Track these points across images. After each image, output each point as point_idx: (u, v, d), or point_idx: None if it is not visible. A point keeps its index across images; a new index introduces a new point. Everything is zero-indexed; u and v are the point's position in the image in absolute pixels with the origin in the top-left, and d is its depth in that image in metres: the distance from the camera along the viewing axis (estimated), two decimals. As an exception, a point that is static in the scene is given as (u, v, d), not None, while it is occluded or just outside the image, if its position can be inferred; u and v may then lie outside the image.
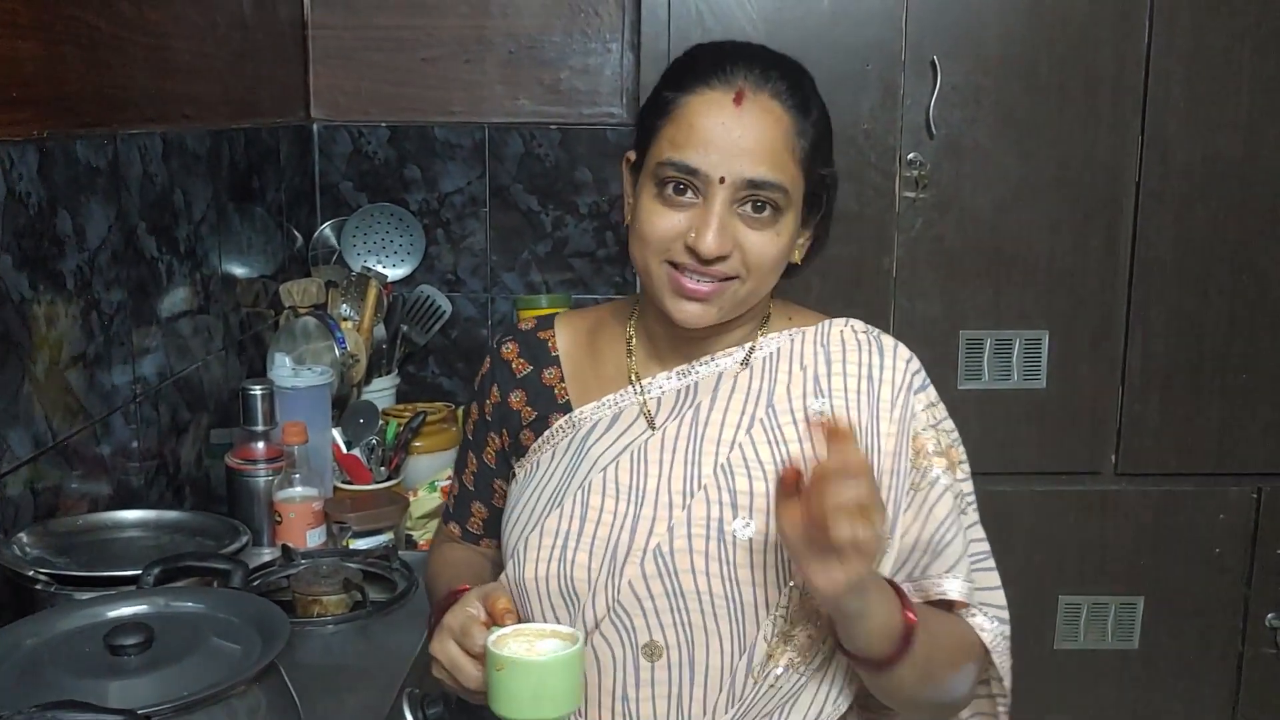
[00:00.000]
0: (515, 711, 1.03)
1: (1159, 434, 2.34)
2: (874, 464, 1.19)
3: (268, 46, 2.39)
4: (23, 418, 1.45)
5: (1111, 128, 2.24)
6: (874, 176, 2.26)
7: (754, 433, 1.20)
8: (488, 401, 1.32)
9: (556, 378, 1.29)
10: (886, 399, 1.21)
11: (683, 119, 1.14)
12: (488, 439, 1.33)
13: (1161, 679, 2.42)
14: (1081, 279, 2.29)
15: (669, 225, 1.15)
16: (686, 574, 1.15)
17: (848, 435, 0.99)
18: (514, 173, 2.66)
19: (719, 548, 1.15)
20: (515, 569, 1.21)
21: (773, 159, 1.13)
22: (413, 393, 2.67)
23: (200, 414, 2.00)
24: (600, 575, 1.17)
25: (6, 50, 1.42)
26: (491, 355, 1.33)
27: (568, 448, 1.24)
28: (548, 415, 1.27)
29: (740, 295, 1.17)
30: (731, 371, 1.24)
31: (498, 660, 1.03)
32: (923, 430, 1.22)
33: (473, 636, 1.07)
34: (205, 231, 2.02)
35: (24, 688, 1.04)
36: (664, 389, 1.25)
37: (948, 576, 1.20)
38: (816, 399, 1.21)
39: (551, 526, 1.19)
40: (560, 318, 1.34)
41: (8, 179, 1.41)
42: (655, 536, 1.17)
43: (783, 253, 1.17)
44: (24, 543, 1.40)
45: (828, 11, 2.21)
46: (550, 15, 2.61)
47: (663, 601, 1.15)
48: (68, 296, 1.56)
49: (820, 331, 1.26)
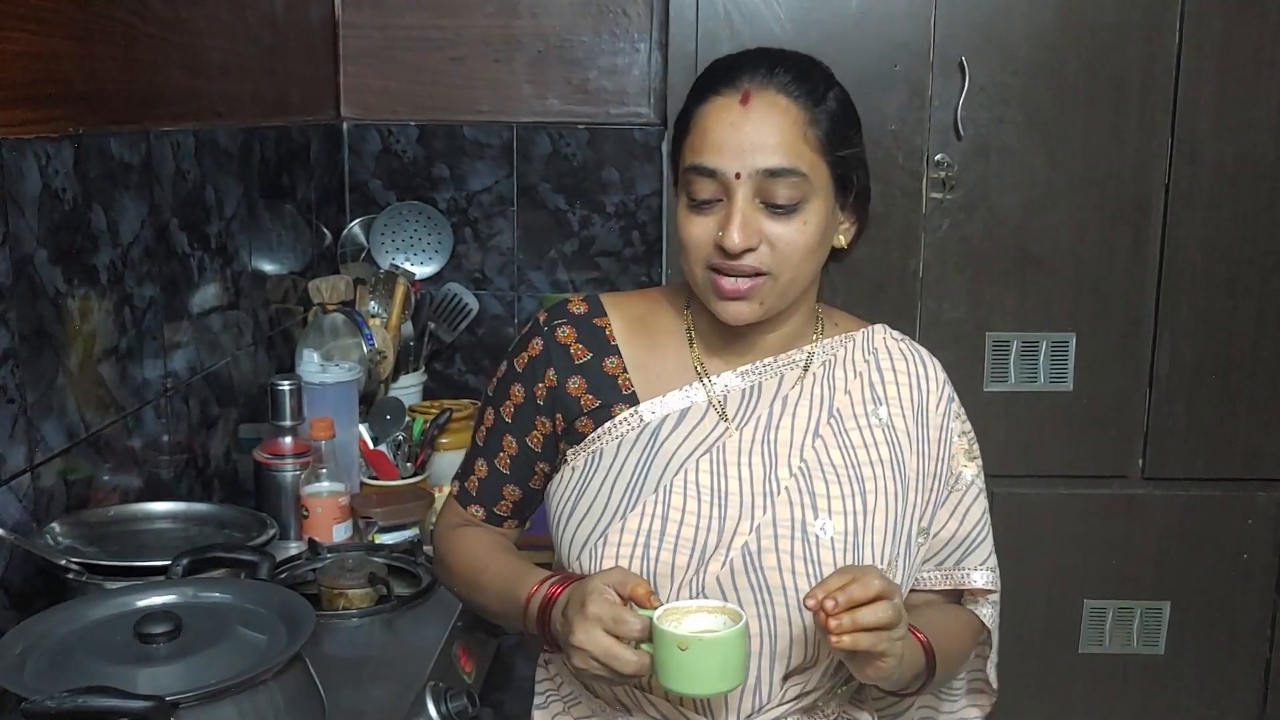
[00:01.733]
0: (703, 687, 1.08)
1: (1186, 438, 2.33)
2: (919, 468, 1.27)
3: (299, 46, 2.41)
4: (56, 410, 1.47)
5: (1140, 128, 2.23)
6: (901, 177, 2.25)
7: (824, 436, 1.26)
8: (540, 385, 1.31)
9: (619, 367, 1.30)
10: (932, 408, 1.30)
11: (698, 127, 1.21)
12: (536, 422, 1.33)
13: (1188, 685, 2.40)
14: (1109, 281, 2.28)
15: (701, 231, 1.20)
16: (773, 571, 1.19)
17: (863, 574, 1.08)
18: (541, 172, 2.68)
19: (803, 546, 1.20)
20: (592, 562, 1.23)
21: (785, 147, 1.17)
22: (439, 390, 2.68)
23: (229, 409, 2.02)
24: (685, 572, 1.20)
25: (43, 48, 1.44)
26: (545, 338, 1.32)
27: (636, 440, 1.26)
28: (611, 405, 1.29)
29: (779, 288, 1.21)
30: (794, 376, 1.29)
31: (682, 640, 1.05)
32: (957, 436, 1.31)
33: (628, 624, 1.08)
34: (236, 228, 2.04)
35: (55, 674, 1.06)
36: (729, 386, 1.28)
37: (980, 569, 1.31)
38: (877, 405, 1.28)
39: (634, 524, 1.22)
40: (609, 302, 1.35)
41: (44, 174, 1.43)
42: (741, 535, 1.21)
43: (813, 240, 1.20)
44: (56, 532, 1.43)
45: (855, 11, 2.21)
46: (579, 15, 2.62)
47: (747, 594, 1.20)
48: (101, 291, 1.58)
49: (866, 338, 1.33)
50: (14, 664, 1.07)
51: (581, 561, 1.24)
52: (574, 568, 1.26)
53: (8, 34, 1.37)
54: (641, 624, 1.08)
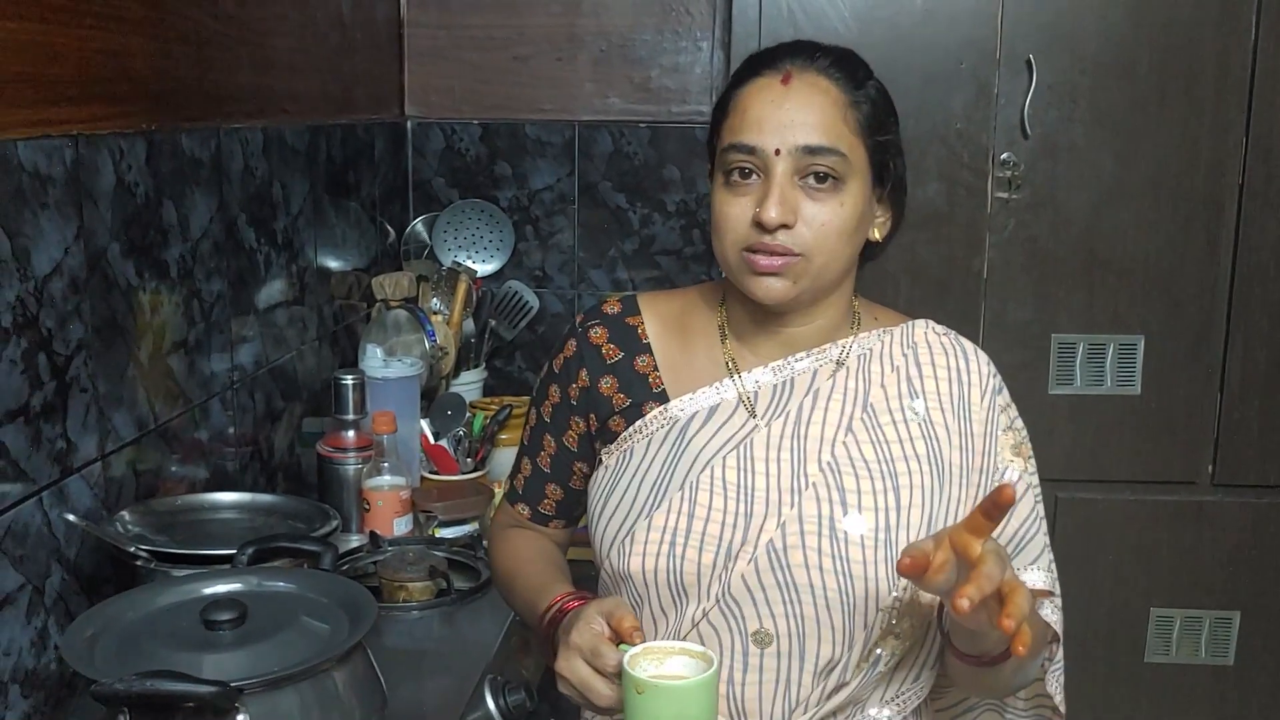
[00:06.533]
0: None
1: (1258, 444, 2.27)
2: (963, 463, 1.23)
3: (364, 45, 2.44)
4: (127, 400, 1.50)
5: (1213, 127, 2.18)
6: (966, 176, 2.22)
7: (855, 431, 1.23)
8: (574, 385, 1.32)
9: (650, 365, 1.30)
10: (976, 401, 1.26)
11: (738, 107, 1.21)
12: (570, 423, 1.34)
13: (1257, 697, 2.35)
14: (1180, 282, 2.24)
15: (738, 210, 1.19)
16: (800, 568, 1.17)
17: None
18: (603, 170, 2.68)
19: (831, 544, 1.18)
20: (620, 560, 1.22)
21: (826, 127, 1.17)
22: (499, 386, 2.70)
23: (293, 402, 2.05)
24: (711, 570, 1.19)
25: (118, 45, 1.47)
26: (578, 339, 1.33)
27: (665, 438, 1.26)
28: (642, 403, 1.28)
29: (813, 270, 1.20)
30: (827, 370, 1.27)
31: (638, 684, 1.03)
32: (1003, 431, 1.27)
33: (604, 657, 1.08)
34: (302, 224, 2.07)
35: (124, 657, 1.08)
36: (760, 382, 1.27)
37: (1031, 569, 1.24)
38: (913, 399, 1.25)
39: (659, 522, 1.21)
40: (644, 301, 1.35)
41: (117, 169, 1.46)
42: (766, 533, 1.19)
43: (848, 223, 1.19)
44: (126, 520, 1.45)
45: (921, 9, 2.18)
46: (641, 14, 2.62)
47: (774, 593, 1.18)
48: (171, 285, 1.61)
49: (905, 333, 1.30)
50: (84, 647, 1.09)
51: (611, 559, 1.24)
52: (605, 566, 1.26)
53: (84, 32, 1.40)
54: (617, 658, 1.06)
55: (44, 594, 1.33)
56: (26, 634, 1.30)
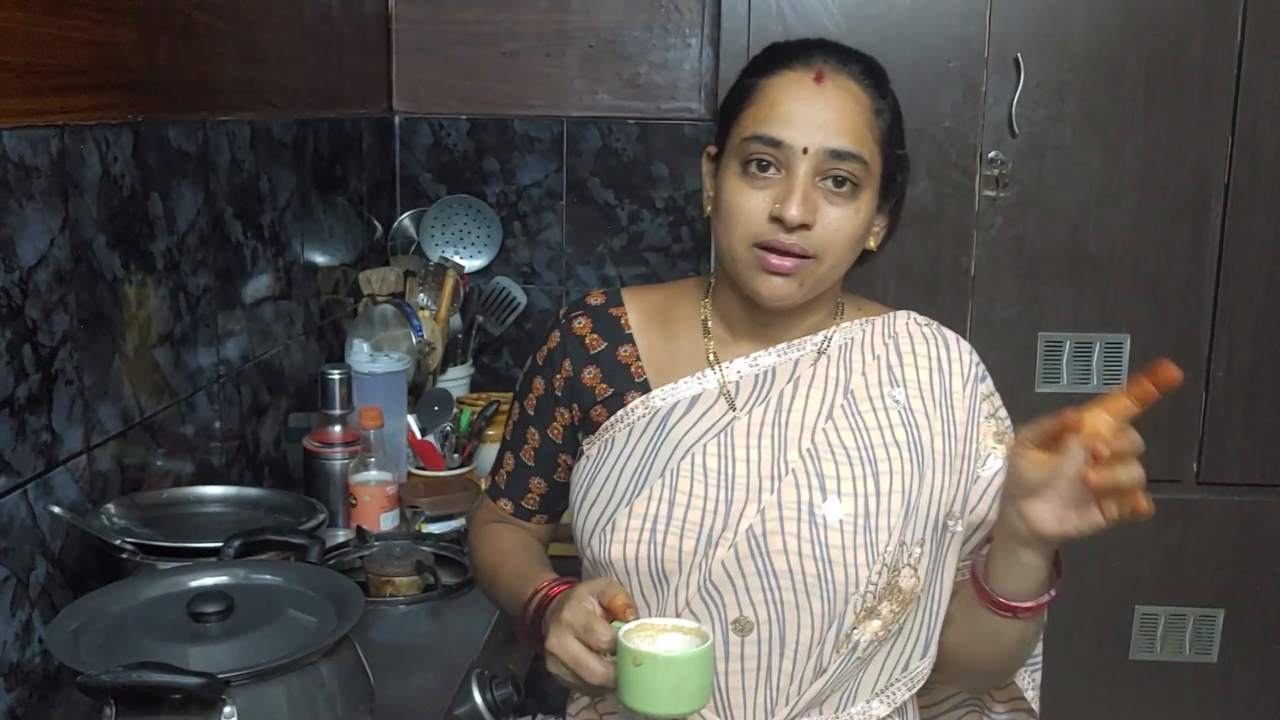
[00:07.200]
0: (655, 706, 1.04)
1: (1243, 443, 2.29)
2: (946, 449, 1.24)
3: (352, 39, 2.43)
4: (112, 393, 1.49)
5: (1200, 127, 2.19)
6: (954, 175, 2.23)
7: (835, 419, 1.24)
8: (558, 376, 1.32)
9: (632, 355, 1.30)
10: (957, 390, 1.27)
11: (765, 98, 1.19)
12: (555, 414, 1.33)
13: (1241, 694, 2.36)
14: (1166, 282, 2.25)
15: (754, 203, 1.18)
16: (779, 554, 1.18)
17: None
18: (591, 166, 2.68)
19: (810, 529, 1.18)
20: (601, 548, 1.23)
21: (854, 132, 1.17)
22: (486, 382, 2.69)
23: (280, 397, 2.04)
24: (692, 557, 1.20)
25: (105, 36, 1.46)
26: (562, 330, 1.33)
27: (646, 427, 1.26)
28: (624, 393, 1.29)
29: (820, 274, 1.20)
30: (809, 358, 1.27)
31: (636, 655, 1.02)
32: (985, 419, 1.27)
33: (597, 633, 1.07)
34: (289, 218, 2.06)
35: (110, 650, 1.08)
36: (742, 373, 1.27)
37: None
38: (894, 387, 1.26)
39: (640, 509, 1.21)
40: (628, 294, 1.35)
41: (103, 160, 1.45)
42: (746, 519, 1.20)
43: (859, 231, 1.20)
44: (111, 513, 1.45)
45: (909, 7, 2.19)
46: (630, 10, 2.62)
47: (754, 580, 1.18)
48: (157, 277, 1.60)
49: (887, 323, 1.31)
50: (70, 640, 1.09)
51: (593, 547, 1.24)
52: (586, 554, 1.26)
53: (71, 22, 1.39)
54: (611, 634, 1.06)
55: (29, 587, 1.32)
56: (11, 627, 1.29)
